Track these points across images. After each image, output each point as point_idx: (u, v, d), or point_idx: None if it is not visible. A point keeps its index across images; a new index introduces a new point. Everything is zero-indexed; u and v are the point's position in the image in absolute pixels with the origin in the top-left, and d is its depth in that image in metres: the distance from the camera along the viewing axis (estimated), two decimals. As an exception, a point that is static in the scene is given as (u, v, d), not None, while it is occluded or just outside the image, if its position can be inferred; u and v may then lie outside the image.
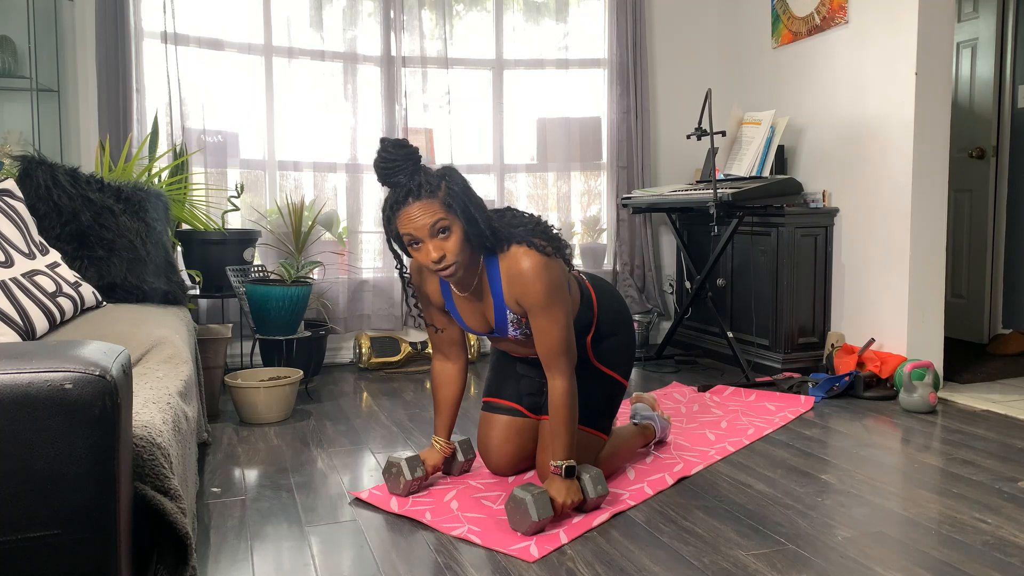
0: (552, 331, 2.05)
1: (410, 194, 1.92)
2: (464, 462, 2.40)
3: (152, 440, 1.31)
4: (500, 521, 2.04)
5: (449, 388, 2.34)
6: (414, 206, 1.92)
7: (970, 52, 4.47)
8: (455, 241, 1.96)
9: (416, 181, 1.93)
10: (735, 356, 3.62)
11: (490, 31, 4.33)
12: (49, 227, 2.48)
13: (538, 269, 2.01)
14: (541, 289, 2.02)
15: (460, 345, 2.33)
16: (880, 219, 3.53)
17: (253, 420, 2.99)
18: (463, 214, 1.96)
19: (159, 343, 2.06)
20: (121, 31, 3.57)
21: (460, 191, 1.97)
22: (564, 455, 2.06)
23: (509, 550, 1.87)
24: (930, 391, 3.08)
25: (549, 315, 2.05)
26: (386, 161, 1.94)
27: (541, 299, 2.03)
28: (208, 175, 3.82)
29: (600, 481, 2.09)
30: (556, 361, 2.07)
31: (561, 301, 2.06)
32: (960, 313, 4.56)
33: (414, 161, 1.96)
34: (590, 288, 2.34)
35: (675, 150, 4.62)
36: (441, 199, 1.94)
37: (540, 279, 2.02)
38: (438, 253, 1.94)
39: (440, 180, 1.96)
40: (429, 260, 1.96)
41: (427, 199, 1.92)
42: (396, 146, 1.95)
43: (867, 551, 1.86)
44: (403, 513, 2.11)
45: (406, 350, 4.04)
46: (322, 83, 4.06)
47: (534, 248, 2.03)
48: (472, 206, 1.98)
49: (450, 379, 2.34)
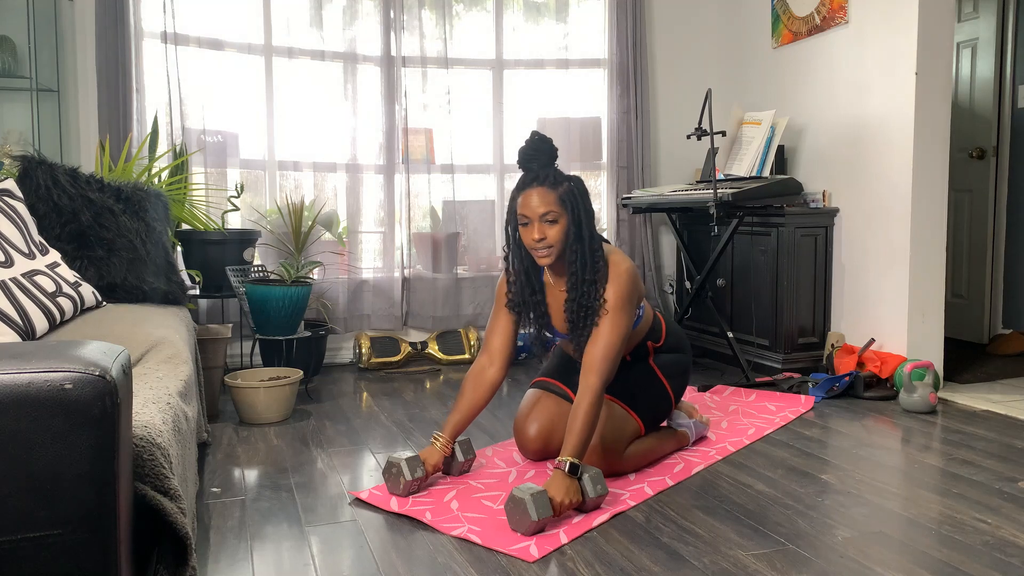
0: (607, 336, 2.22)
1: (536, 180, 2.22)
2: (464, 462, 2.40)
3: (152, 440, 1.31)
4: (500, 521, 2.04)
5: (479, 391, 2.41)
6: (536, 191, 2.21)
7: (970, 52, 4.47)
8: (558, 231, 2.22)
9: (545, 172, 2.23)
10: (735, 356, 3.62)
11: (490, 31, 4.33)
12: (49, 227, 2.48)
13: (630, 273, 2.28)
14: (618, 296, 2.25)
15: (509, 354, 2.44)
16: (880, 219, 3.53)
17: (253, 420, 2.99)
18: (572, 214, 2.23)
19: (159, 343, 2.06)
20: (121, 31, 3.57)
21: (579, 195, 2.24)
22: (573, 452, 2.10)
23: (509, 550, 1.87)
24: (930, 391, 3.08)
25: (611, 321, 2.23)
26: (530, 149, 2.23)
27: (616, 304, 2.24)
28: (208, 175, 3.82)
29: (600, 481, 2.10)
30: (599, 364, 2.21)
31: (628, 314, 2.27)
32: (960, 313, 4.56)
33: (551, 157, 2.25)
34: (660, 317, 2.61)
35: (675, 150, 4.62)
36: (559, 194, 2.22)
37: (622, 286, 2.25)
38: (540, 235, 2.21)
39: (566, 180, 2.25)
40: (531, 238, 2.22)
41: (548, 189, 2.21)
42: (542, 140, 2.24)
43: (867, 551, 1.86)
44: (403, 513, 2.11)
45: (406, 350, 4.04)
46: (322, 83, 4.06)
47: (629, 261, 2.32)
48: (583, 212, 2.24)
49: (485, 383, 2.42)
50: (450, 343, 4.16)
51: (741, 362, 3.58)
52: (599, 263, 2.26)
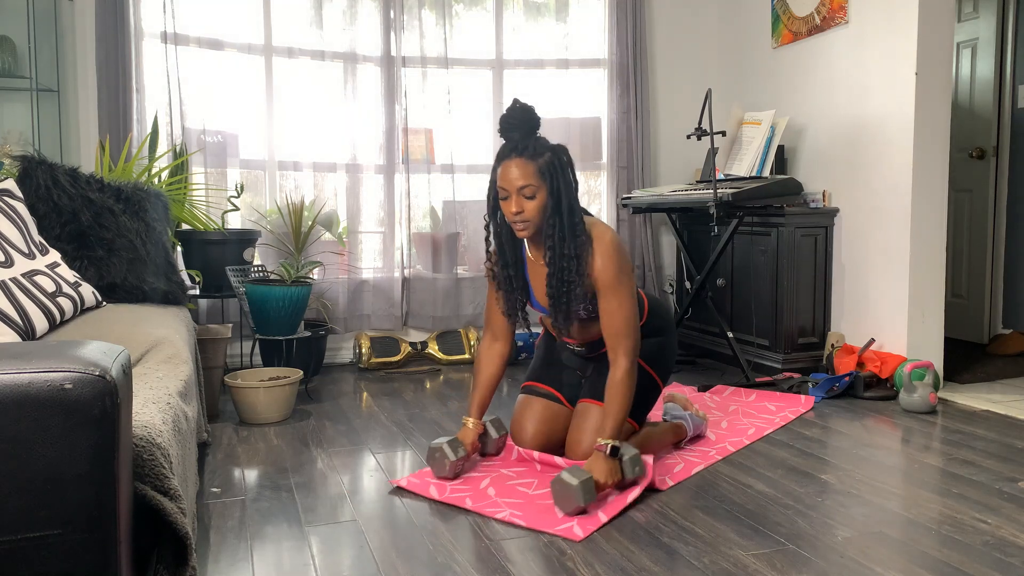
0: (619, 311, 2.23)
1: (514, 150, 2.18)
2: (498, 439, 2.50)
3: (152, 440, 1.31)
4: (539, 505, 2.13)
5: (491, 367, 2.48)
6: (514, 162, 2.17)
7: (970, 52, 4.47)
8: (536, 205, 2.19)
9: (525, 142, 2.18)
10: (735, 356, 3.62)
11: (490, 31, 4.33)
12: (49, 227, 2.48)
13: (616, 246, 2.24)
14: (614, 268, 2.22)
15: (512, 328, 2.49)
16: (880, 219, 3.53)
17: (253, 420, 2.99)
18: (551, 187, 2.19)
19: (159, 343, 2.06)
20: (121, 31, 3.57)
21: (559, 167, 2.20)
22: (612, 435, 2.17)
23: (554, 530, 1.96)
24: (930, 391, 3.08)
25: (618, 295, 2.23)
26: (512, 117, 2.19)
27: (613, 277, 2.22)
28: (208, 175, 3.82)
29: (638, 463, 2.18)
30: (622, 342, 2.23)
31: (629, 284, 2.26)
32: (960, 313, 4.56)
33: (532, 126, 2.20)
34: (642, 294, 2.55)
35: (675, 150, 4.62)
36: (539, 166, 2.18)
37: (614, 258, 2.23)
38: (518, 208, 2.18)
39: (547, 151, 2.20)
40: (510, 211, 2.20)
41: (527, 160, 2.17)
42: (524, 108, 2.20)
43: (867, 551, 1.86)
44: (444, 500, 2.19)
45: (406, 350, 4.04)
46: (322, 83, 4.06)
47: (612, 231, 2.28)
48: (563, 184, 2.20)
49: (494, 358, 2.49)
50: (450, 343, 4.16)
51: (741, 362, 3.58)
52: (580, 237, 2.22)
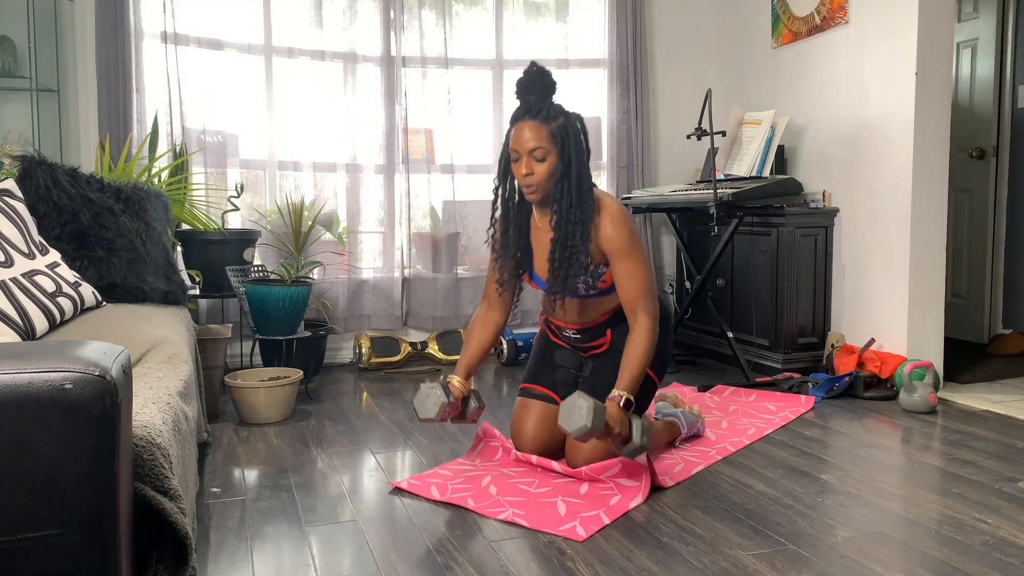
0: (637, 274, 2.26)
1: (528, 112, 2.22)
2: (477, 408, 2.48)
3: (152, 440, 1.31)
4: (542, 504, 2.12)
5: (484, 332, 2.50)
6: (527, 124, 2.21)
7: (970, 52, 4.47)
8: (546, 168, 2.23)
9: (540, 105, 2.21)
10: (735, 356, 3.62)
11: (490, 31, 4.33)
12: (49, 227, 2.48)
13: (624, 214, 2.28)
14: (626, 233, 2.26)
15: (508, 300, 2.50)
16: (880, 219, 3.53)
17: (253, 420, 2.99)
18: (563, 151, 2.22)
19: (159, 343, 2.06)
20: (121, 31, 3.57)
21: (571, 133, 2.23)
22: (629, 387, 2.18)
23: (557, 531, 1.97)
24: (930, 391, 3.08)
25: (633, 258, 2.26)
26: (528, 79, 2.23)
27: (625, 243, 2.25)
28: (208, 175, 3.82)
29: (647, 434, 2.14)
30: (642, 302, 2.26)
31: (641, 249, 2.29)
32: (960, 313, 4.56)
33: (548, 89, 2.24)
34: None
35: (675, 150, 4.62)
36: (551, 129, 2.21)
37: (625, 224, 2.26)
38: (528, 170, 2.23)
39: (560, 116, 2.23)
40: (520, 173, 2.24)
41: (541, 123, 2.20)
42: (541, 71, 2.23)
43: (867, 551, 1.86)
44: (445, 500, 2.17)
45: (406, 350, 4.04)
46: (322, 83, 4.06)
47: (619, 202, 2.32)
48: (574, 150, 2.23)
49: (488, 324, 2.51)
50: (450, 343, 4.16)
51: (741, 362, 3.58)
52: (587, 203, 2.24)
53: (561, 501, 2.15)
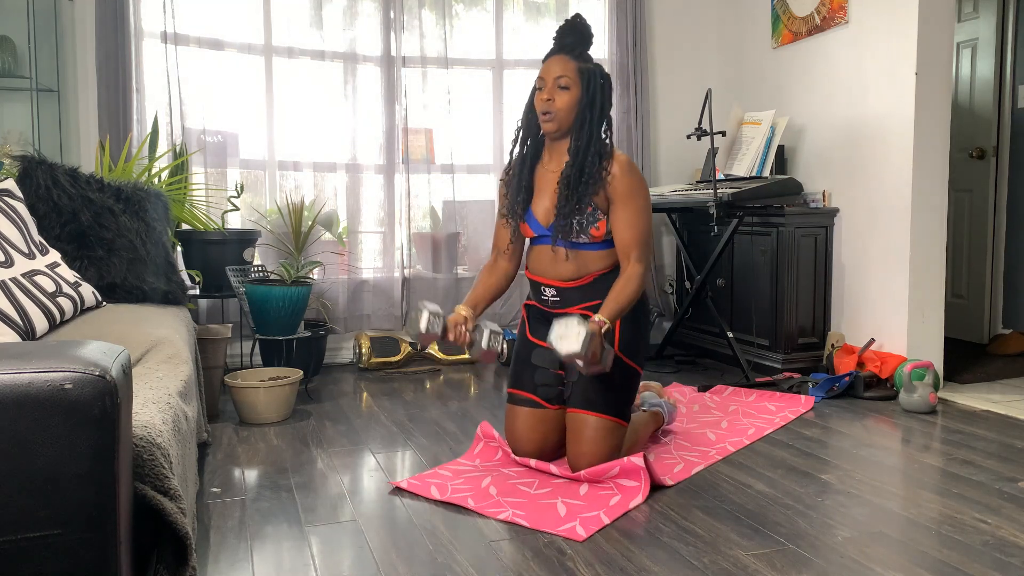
0: (637, 223, 2.32)
1: (563, 48, 2.34)
2: (488, 351, 2.38)
3: (152, 440, 1.31)
4: (541, 505, 2.12)
5: (492, 276, 2.55)
6: (558, 57, 2.33)
7: (970, 52, 4.47)
8: (567, 99, 2.30)
9: (575, 47, 2.34)
10: (735, 356, 3.62)
11: (490, 31, 4.33)
12: (49, 227, 2.48)
13: (635, 167, 2.35)
14: (635, 179, 2.32)
15: (517, 252, 2.57)
16: (880, 219, 3.53)
17: (253, 420, 2.99)
18: (587, 89, 2.31)
19: (159, 343, 2.06)
20: (121, 31, 3.57)
21: (599, 76, 2.33)
22: (611, 317, 2.23)
23: (557, 531, 1.97)
24: (930, 391, 3.08)
25: (635, 206, 2.32)
26: (568, 25, 2.36)
27: (632, 188, 2.31)
28: (208, 175, 3.82)
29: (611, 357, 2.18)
30: (636, 250, 2.32)
31: (647, 200, 2.35)
32: (960, 313, 4.56)
33: (586, 38, 2.36)
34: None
35: (675, 150, 4.62)
36: (580, 66, 2.31)
37: (635, 172, 2.33)
38: (549, 95, 2.31)
39: (593, 63, 2.35)
40: (542, 99, 2.32)
41: (570, 59, 2.32)
42: (583, 22, 2.37)
43: (867, 551, 1.86)
44: (445, 500, 2.17)
45: (406, 350, 4.04)
46: (322, 83, 4.06)
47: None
48: (599, 93, 2.32)
49: (499, 271, 2.56)
50: (450, 343, 4.15)
51: (741, 362, 3.58)
52: (605, 142, 2.33)
53: (561, 502, 2.15)
